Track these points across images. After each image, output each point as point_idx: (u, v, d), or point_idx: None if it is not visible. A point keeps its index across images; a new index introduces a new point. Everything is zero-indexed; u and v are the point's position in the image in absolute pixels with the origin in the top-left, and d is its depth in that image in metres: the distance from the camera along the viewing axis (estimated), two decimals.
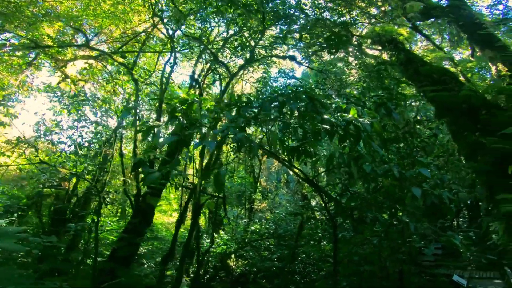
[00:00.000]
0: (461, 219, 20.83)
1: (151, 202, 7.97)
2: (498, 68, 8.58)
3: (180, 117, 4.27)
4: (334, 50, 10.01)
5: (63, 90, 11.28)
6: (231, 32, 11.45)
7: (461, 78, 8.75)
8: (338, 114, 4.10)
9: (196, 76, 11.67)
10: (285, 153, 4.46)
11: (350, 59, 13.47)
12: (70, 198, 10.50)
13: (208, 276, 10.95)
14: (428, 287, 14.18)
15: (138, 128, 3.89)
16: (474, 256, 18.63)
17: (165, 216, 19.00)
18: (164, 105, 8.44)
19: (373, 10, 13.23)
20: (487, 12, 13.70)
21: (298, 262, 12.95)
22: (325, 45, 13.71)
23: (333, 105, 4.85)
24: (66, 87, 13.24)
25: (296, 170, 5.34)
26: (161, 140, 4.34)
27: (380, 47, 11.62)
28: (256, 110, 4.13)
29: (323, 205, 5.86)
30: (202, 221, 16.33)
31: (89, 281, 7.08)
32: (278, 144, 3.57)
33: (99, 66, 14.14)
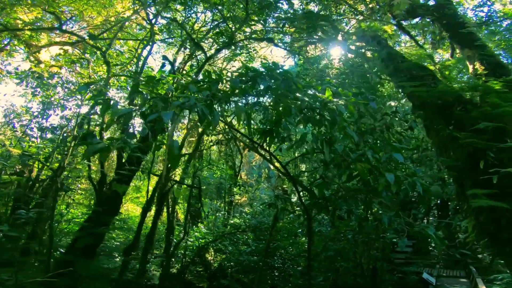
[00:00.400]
0: (430, 218, 21.51)
1: (117, 189, 7.60)
2: (475, 67, 8.75)
3: (144, 92, 4.01)
4: (311, 31, 9.96)
5: (29, 72, 10.71)
6: (211, 19, 11.19)
7: (439, 77, 8.87)
8: (312, 93, 3.97)
9: (176, 63, 11.34)
10: (257, 136, 4.28)
11: (334, 55, 13.50)
12: (33, 186, 9.96)
13: (183, 269, 10.66)
14: (399, 284, 14.53)
15: (95, 100, 3.61)
16: (442, 255, 19.30)
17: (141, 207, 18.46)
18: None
19: (361, 7, 13.31)
20: (472, 14, 14.06)
21: (277, 257, 12.91)
22: (314, 39, 13.73)
23: (310, 90, 4.70)
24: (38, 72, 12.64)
25: (276, 163, 5.18)
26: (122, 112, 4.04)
27: (363, 43, 11.69)
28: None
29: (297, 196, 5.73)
30: (181, 214, 16.00)
31: (43, 273, 6.67)
32: (244, 119, 3.39)
33: (77, 54, 13.61)
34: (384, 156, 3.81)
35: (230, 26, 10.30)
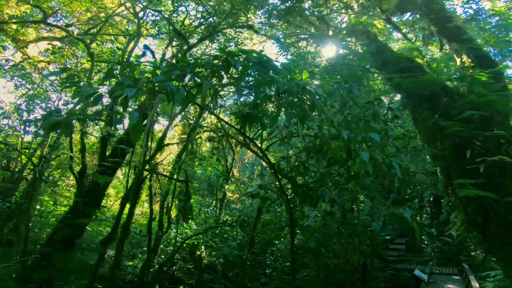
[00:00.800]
0: (424, 216, 21.57)
1: (99, 179, 7.46)
2: (463, 60, 8.76)
3: (118, 76, 3.90)
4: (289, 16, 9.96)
5: (7, 63, 10.55)
6: (200, 13, 11.14)
7: (427, 69, 8.89)
8: (289, 76, 3.89)
9: (166, 58, 11.23)
10: (236, 120, 4.19)
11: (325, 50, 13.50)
12: (18, 179, 9.80)
13: (164, 264, 10.47)
14: (391, 281, 14.51)
15: (66, 83, 3.49)
16: (434, 252, 19.36)
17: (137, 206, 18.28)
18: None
19: (352, 2, 13.30)
20: (461, 10, 14.11)
21: (268, 254, 12.79)
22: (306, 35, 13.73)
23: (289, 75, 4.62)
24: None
25: (254, 148, 5.09)
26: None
27: (354, 38, 11.71)
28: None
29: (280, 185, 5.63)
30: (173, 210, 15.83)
31: (19, 266, 6.51)
32: (211, 95, 3.30)
33: (66, 49, 13.47)
34: (359, 135, 3.73)
35: (216, 19, 10.28)
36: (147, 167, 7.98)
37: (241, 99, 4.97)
